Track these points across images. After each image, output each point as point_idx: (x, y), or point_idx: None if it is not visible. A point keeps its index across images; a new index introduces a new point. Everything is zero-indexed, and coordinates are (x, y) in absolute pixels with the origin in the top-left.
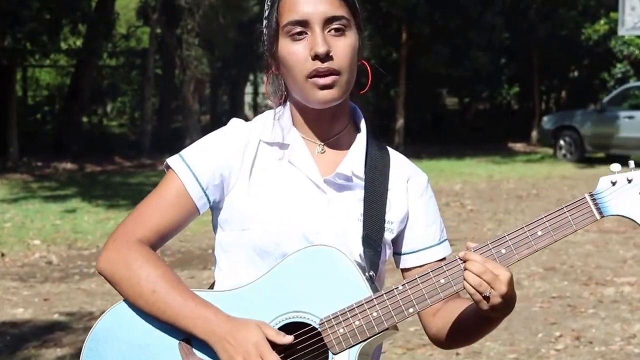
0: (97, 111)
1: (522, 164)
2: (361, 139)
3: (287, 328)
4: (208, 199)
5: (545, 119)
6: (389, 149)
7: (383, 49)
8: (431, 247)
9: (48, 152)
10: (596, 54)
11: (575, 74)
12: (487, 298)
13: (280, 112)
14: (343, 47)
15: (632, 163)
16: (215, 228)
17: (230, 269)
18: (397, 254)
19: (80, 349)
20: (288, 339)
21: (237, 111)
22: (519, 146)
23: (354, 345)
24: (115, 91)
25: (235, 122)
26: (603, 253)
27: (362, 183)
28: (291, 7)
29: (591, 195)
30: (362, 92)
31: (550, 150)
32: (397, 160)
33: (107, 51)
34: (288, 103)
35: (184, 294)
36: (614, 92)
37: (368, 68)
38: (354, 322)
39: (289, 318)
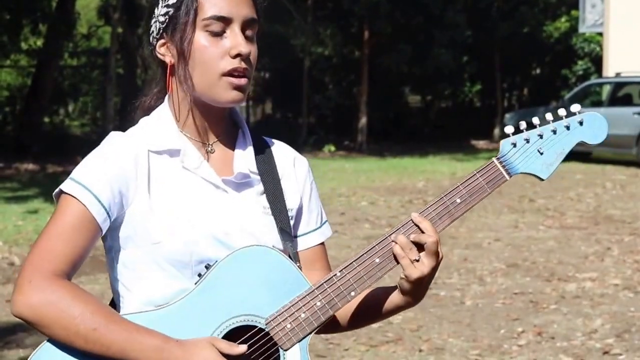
0: (58, 111)
1: (484, 161)
2: (245, 134)
3: (233, 334)
4: (110, 218)
5: (507, 116)
6: (265, 138)
7: (345, 48)
8: (315, 230)
9: (9, 153)
10: (557, 52)
11: (537, 71)
12: (417, 262)
13: (159, 117)
14: (253, 53)
15: (523, 123)
16: (111, 248)
17: (143, 286)
18: None
19: None
20: (242, 348)
21: None
22: (481, 143)
23: (303, 338)
24: (77, 91)
25: (115, 136)
26: (565, 249)
27: (258, 177)
28: (215, 1)
29: (498, 159)
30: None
31: None
32: (278, 147)
33: (68, 51)
34: (167, 105)
35: (125, 326)
36: (576, 89)
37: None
38: (299, 315)
39: (233, 324)
